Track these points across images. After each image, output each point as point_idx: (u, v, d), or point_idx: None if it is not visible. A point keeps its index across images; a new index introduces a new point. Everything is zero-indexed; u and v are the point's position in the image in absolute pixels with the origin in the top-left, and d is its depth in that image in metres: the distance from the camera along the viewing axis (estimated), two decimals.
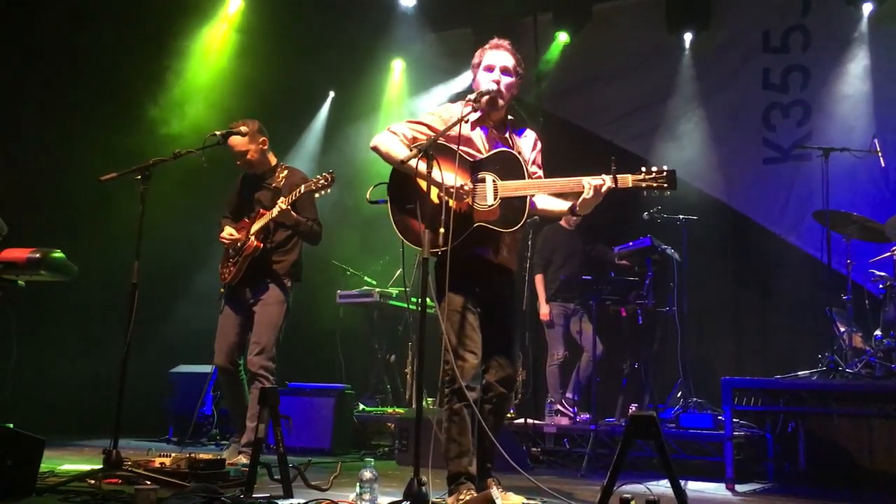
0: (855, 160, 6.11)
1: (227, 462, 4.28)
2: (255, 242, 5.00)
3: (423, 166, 3.40)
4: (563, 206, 3.73)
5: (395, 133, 3.69)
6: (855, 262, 5.58)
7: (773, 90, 7.60)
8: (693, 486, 4.82)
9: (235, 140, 5.05)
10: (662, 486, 2.66)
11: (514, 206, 3.54)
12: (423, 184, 3.63)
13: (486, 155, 3.65)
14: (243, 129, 4.74)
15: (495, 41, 3.87)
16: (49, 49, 7.03)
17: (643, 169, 3.57)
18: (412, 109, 8.98)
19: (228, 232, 5.09)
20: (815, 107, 7.36)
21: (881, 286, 5.53)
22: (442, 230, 3.36)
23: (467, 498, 3.43)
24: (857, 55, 7.22)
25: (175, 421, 6.98)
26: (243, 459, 4.76)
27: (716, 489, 4.81)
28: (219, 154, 4.89)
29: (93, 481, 3.76)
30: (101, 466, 3.95)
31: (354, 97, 9.10)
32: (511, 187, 3.54)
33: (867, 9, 7.20)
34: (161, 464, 4.05)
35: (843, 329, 5.62)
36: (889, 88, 6.99)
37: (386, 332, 7.79)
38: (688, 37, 8.04)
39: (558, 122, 8.33)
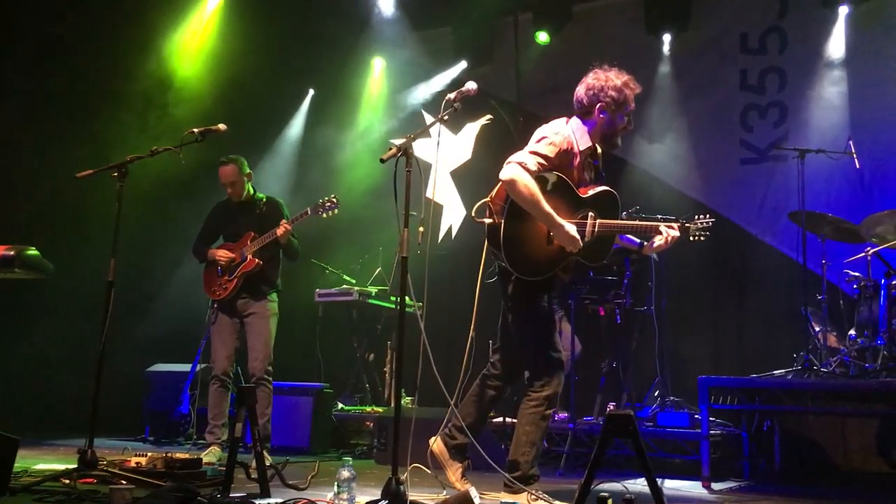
0: (830, 161, 6.18)
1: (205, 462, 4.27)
2: (257, 260, 5.42)
3: (547, 213, 3.65)
4: (631, 243, 4.10)
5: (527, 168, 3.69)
6: (830, 263, 5.64)
7: (751, 91, 7.66)
8: (670, 485, 4.85)
9: (224, 171, 5.54)
10: (639, 485, 2.68)
11: (604, 242, 3.89)
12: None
13: (592, 193, 3.88)
14: (221, 126, 4.71)
15: (638, 88, 4.01)
16: (27, 45, 6.95)
17: (697, 217, 3.94)
18: (392, 108, 8.97)
19: (224, 253, 5.48)
20: (791, 108, 7.42)
21: (855, 286, 5.59)
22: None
23: (538, 495, 3.60)
24: (833, 57, 7.29)
25: (151, 420, 6.93)
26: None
27: (692, 487, 4.84)
28: (197, 152, 4.86)
29: (68, 481, 3.73)
30: (76, 466, 3.92)
31: (334, 95, 9.07)
32: (607, 226, 3.84)
33: (843, 11, 7.26)
34: (137, 463, 4.03)
35: (818, 328, 5.67)
36: (864, 90, 7.07)
37: (365, 330, 7.78)
38: (667, 38, 8.08)
39: (538, 122, 8.29)
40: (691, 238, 3.93)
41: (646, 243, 3.99)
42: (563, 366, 3.85)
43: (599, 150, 4.06)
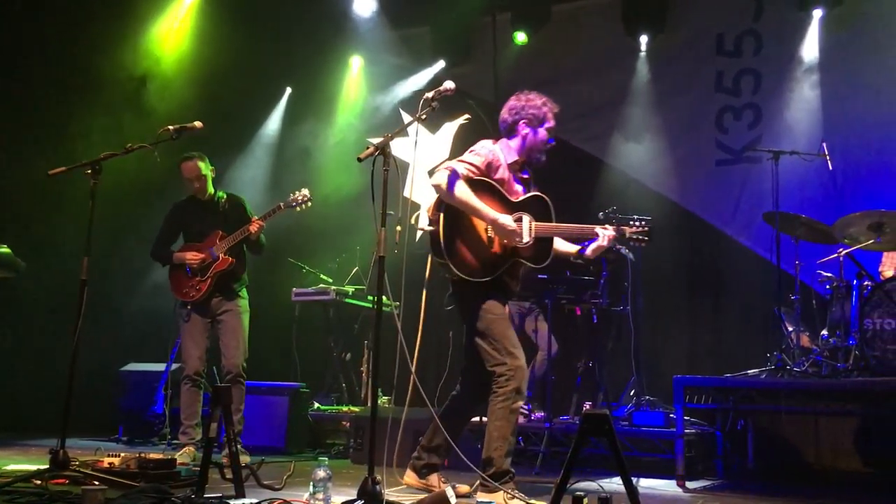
0: (804, 163, 6.25)
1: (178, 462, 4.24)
2: (230, 259, 5.41)
3: (481, 206, 3.84)
4: (571, 248, 4.25)
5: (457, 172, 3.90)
6: (803, 263, 5.70)
7: (726, 93, 7.72)
8: (645, 483, 4.88)
9: (190, 166, 5.43)
10: (615, 484, 2.69)
11: (544, 243, 4.02)
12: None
13: (523, 198, 4.05)
14: (197, 124, 4.66)
15: (556, 108, 4.24)
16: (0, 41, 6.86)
17: (632, 221, 4.19)
18: (369, 107, 8.94)
19: (193, 255, 5.41)
20: (766, 110, 7.49)
21: (828, 287, 5.66)
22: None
23: (516, 494, 3.70)
24: (807, 60, 7.36)
25: (125, 420, 6.86)
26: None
27: (667, 486, 4.88)
28: (172, 150, 4.82)
29: (39, 482, 3.68)
30: (47, 466, 3.87)
31: (312, 93, 9.02)
32: (544, 228, 3.99)
33: (817, 14, 7.34)
34: (110, 464, 3.99)
35: (791, 329, 5.73)
36: (837, 93, 7.15)
37: (342, 330, 7.75)
38: (644, 39, 8.13)
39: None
40: (630, 244, 4.17)
41: (587, 248, 4.14)
42: (524, 359, 3.92)
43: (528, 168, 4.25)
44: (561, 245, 4.24)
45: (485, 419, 5.95)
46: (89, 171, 4.29)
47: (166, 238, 5.60)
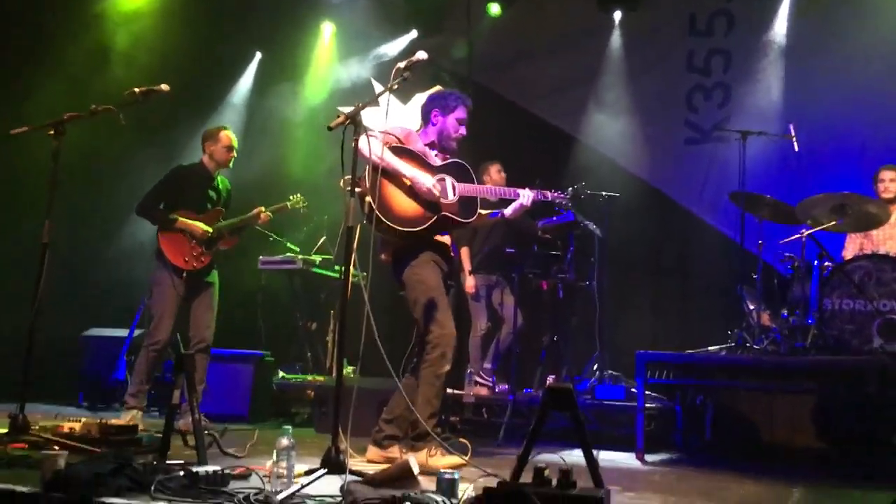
0: (771, 144, 6.32)
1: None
2: (235, 239, 5.65)
3: (401, 164, 4.14)
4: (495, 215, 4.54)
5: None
6: (766, 243, 5.78)
7: (697, 72, 7.76)
8: (605, 456, 4.95)
9: (231, 135, 5.59)
10: (576, 456, 2.73)
11: (468, 204, 4.29)
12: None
13: (445, 162, 4.35)
14: (164, 87, 4.57)
15: (469, 102, 4.49)
16: None
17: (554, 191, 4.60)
18: (340, 75, 8.83)
19: (204, 228, 5.43)
20: (735, 90, 7.55)
21: (789, 266, 5.74)
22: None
23: (436, 452, 3.94)
24: (776, 42, 7.43)
25: (86, 385, 6.79)
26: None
27: (626, 459, 4.96)
28: (139, 113, 4.73)
29: None
30: (6, 431, 3.83)
31: (282, 59, 8.87)
32: (467, 188, 4.29)
33: None
34: (71, 429, 3.95)
35: (752, 307, 5.82)
36: (803, 76, 7.23)
37: (308, 299, 7.72)
38: (617, 15, 8.12)
39: (488, 95, 8.32)
40: (555, 208, 4.74)
41: (506, 211, 4.46)
42: (452, 327, 4.15)
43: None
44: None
45: (449, 390, 6.01)
46: (52, 132, 4.21)
47: (160, 198, 5.49)
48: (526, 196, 4.39)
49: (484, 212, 4.42)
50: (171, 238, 5.39)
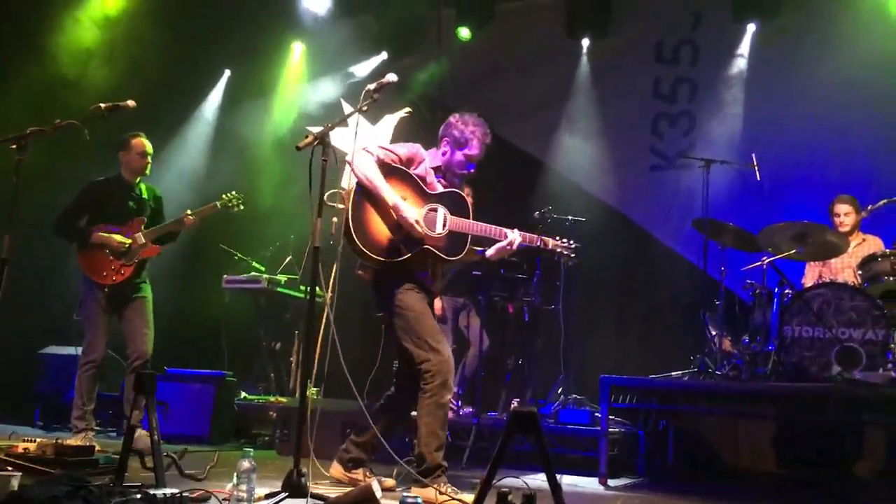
0: (734, 172, 6.42)
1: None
2: (158, 247, 5.48)
3: (386, 189, 3.90)
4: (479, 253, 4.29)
5: (370, 153, 3.99)
6: (728, 270, 5.85)
7: (663, 100, 7.88)
8: (568, 480, 4.95)
9: (144, 142, 5.47)
10: (539, 480, 2.72)
11: (458, 239, 4.07)
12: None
13: (441, 191, 4.13)
14: (130, 103, 4.52)
15: (487, 138, 4.24)
16: None
17: (558, 238, 4.42)
18: (309, 96, 8.82)
19: (120, 240, 5.34)
20: (699, 118, 7.68)
21: (751, 293, 5.82)
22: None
23: (447, 490, 3.74)
24: (739, 72, 7.58)
25: (42, 404, 6.64)
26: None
27: (589, 483, 4.96)
28: (102, 128, 4.66)
29: None
30: None
31: (251, 77, 8.85)
32: (459, 223, 4.05)
33: (751, 28, 7.56)
34: (25, 449, 3.85)
35: (714, 332, 5.88)
36: (765, 105, 7.36)
37: (272, 319, 7.64)
38: (585, 42, 8.23)
39: None
40: (555, 258, 4.42)
41: (489, 251, 4.21)
42: (449, 353, 3.98)
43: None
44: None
45: (413, 413, 5.97)
46: (15, 146, 4.13)
47: (78, 214, 5.47)
48: (514, 240, 4.15)
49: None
50: (89, 254, 5.39)
